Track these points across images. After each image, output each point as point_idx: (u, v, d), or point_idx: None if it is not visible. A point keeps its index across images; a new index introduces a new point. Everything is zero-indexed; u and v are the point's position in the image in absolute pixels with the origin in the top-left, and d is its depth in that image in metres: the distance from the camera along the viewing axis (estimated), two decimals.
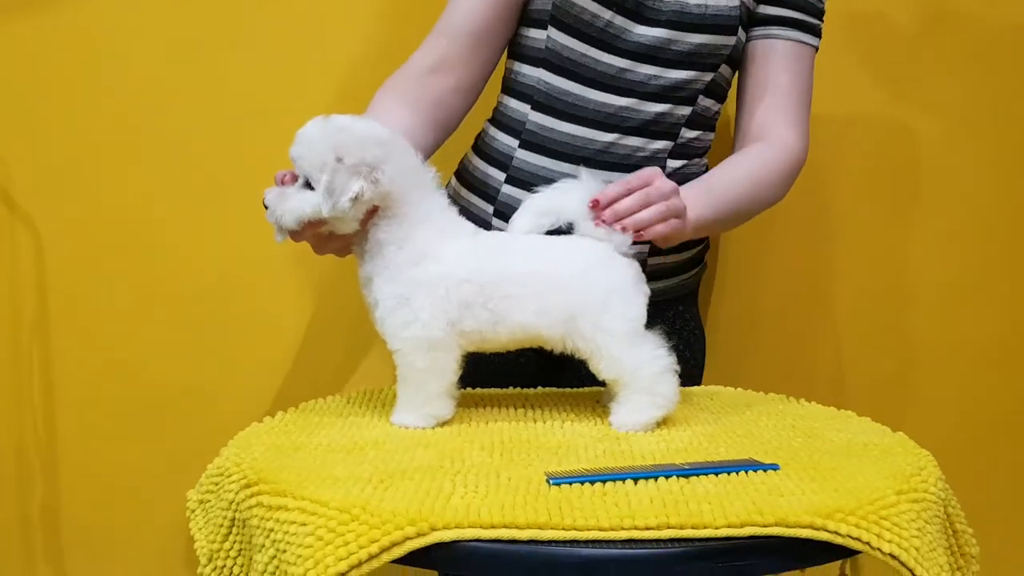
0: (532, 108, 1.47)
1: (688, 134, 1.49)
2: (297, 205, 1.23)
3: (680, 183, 1.38)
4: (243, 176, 1.77)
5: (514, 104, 1.49)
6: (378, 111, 1.39)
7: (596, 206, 1.27)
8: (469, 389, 1.41)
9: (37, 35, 1.76)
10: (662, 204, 1.29)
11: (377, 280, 1.25)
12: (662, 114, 1.46)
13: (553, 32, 1.44)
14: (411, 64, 1.45)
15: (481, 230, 1.31)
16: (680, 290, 1.58)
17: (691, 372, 1.58)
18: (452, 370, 1.26)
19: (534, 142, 1.47)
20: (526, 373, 1.53)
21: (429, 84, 1.43)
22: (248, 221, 1.61)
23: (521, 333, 1.26)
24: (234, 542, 1.10)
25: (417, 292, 1.23)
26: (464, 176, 1.55)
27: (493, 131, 1.52)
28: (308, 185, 1.22)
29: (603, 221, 1.27)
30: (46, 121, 1.78)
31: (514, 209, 1.31)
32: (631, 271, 1.28)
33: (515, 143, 1.48)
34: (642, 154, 1.46)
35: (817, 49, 1.53)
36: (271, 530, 1.01)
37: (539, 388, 1.47)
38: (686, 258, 1.57)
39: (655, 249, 1.48)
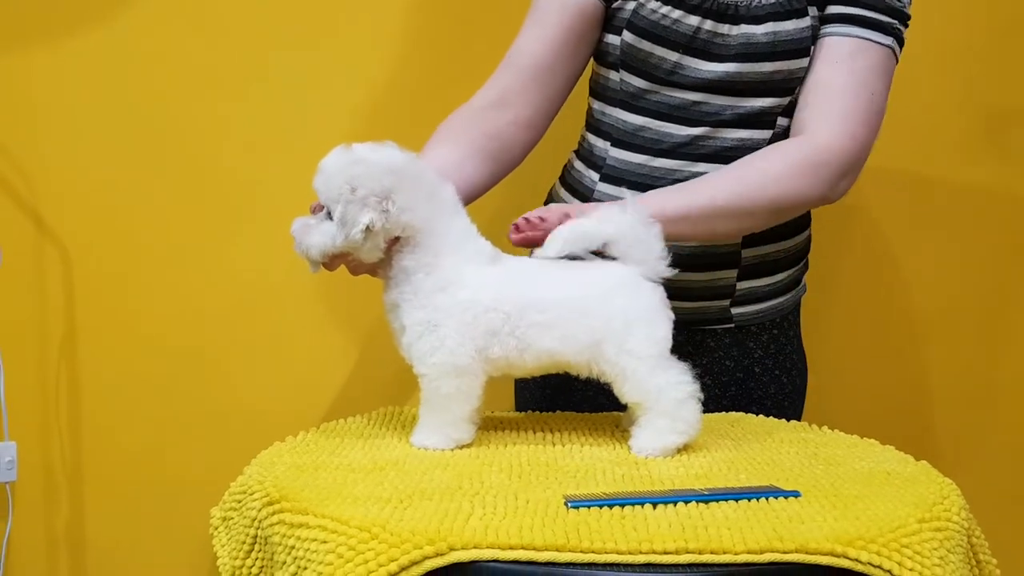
0: (612, 145, 1.49)
1: None
2: (319, 238, 1.24)
3: None
4: (270, 194, 1.80)
5: (596, 141, 1.52)
6: (429, 146, 1.41)
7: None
8: (488, 412, 1.41)
9: (63, 58, 1.79)
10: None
11: (405, 306, 1.25)
12: (742, 139, 1.45)
13: (624, 75, 1.46)
14: (475, 98, 1.47)
15: (504, 255, 1.31)
16: (774, 314, 1.55)
17: (788, 396, 1.57)
18: (477, 395, 1.26)
19: (614, 175, 1.48)
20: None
21: (487, 118, 1.44)
22: (274, 240, 1.62)
23: (547, 359, 1.26)
24: (256, 559, 1.11)
25: (444, 318, 1.24)
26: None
27: (578, 164, 1.55)
28: (330, 216, 1.24)
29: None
30: (74, 140, 1.81)
31: None
32: (656, 295, 1.27)
33: (596, 176, 1.50)
34: None
35: (894, 51, 1.42)
36: (292, 547, 1.02)
37: (557, 411, 1.47)
38: (779, 281, 1.55)
39: (745, 273, 1.49)
